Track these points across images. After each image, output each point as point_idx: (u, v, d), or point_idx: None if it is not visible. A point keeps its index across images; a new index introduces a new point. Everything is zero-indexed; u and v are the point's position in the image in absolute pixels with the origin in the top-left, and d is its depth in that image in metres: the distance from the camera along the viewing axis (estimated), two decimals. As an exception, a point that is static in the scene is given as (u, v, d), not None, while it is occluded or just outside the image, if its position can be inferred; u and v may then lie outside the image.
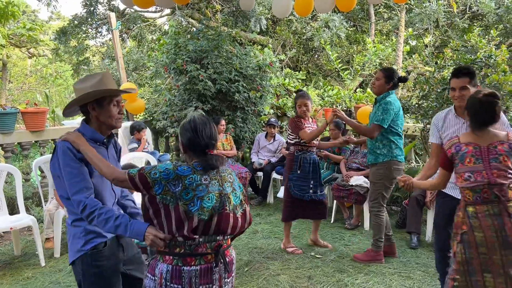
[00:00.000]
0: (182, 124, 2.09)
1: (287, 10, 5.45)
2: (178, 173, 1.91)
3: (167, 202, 1.89)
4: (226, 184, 2.03)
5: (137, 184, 1.92)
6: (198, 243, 1.95)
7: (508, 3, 9.45)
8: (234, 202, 2.03)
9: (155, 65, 7.83)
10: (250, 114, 7.39)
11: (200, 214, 1.89)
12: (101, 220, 1.99)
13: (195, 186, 1.90)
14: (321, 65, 11.94)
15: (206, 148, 2.02)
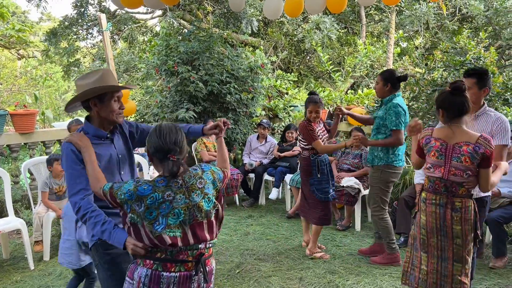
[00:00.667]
0: (150, 131, 2.04)
1: (278, 12, 5.46)
2: (138, 194, 1.89)
3: (135, 222, 1.91)
4: (194, 193, 1.98)
5: (109, 201, 1.95)
6: (179, 249, 1.94)
7: (497, 5, 9.55)
8: (206, 208, 2.00)
9: (146, 67, 7.80)
10: (241, 116, 7.39)
11: (169, 231, 1.89)
12: (91, 223, 2.05)
13: (158, 204, 1.89)
14: (313, 66, 11.98)
15: (168, 153, 1.95)
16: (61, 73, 16.34)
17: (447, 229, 2.68)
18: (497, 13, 9.68)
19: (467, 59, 5.28)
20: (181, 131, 2.04)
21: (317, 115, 4.24)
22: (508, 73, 5.82)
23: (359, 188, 5.34)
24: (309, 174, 4.31)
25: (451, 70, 5.37)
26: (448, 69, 5.37)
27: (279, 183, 6.35)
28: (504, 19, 9.84)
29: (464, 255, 2.70)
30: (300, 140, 4.37)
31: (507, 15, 9.74)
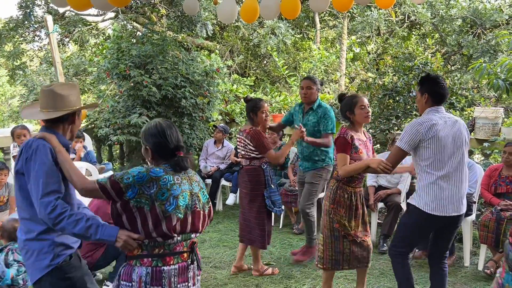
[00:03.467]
0: (146, 129, 2.09)
1: (233, 16, 5.42)
2: (152, 175, 1.94)
3: (142, 205, 1.90)
4: (194, 183, 2.09)
5: (109, 191, 1.91)
6: (176, 241, 1.99)
7: (442, 13, 10.00)
8: (203, 200, 2.11)
9: (97, 70, 7.53)
10: (197, 121, 7.28)
11: (177, 212, 1.94)
12: (72, 221, 1.92)
13: (170, 186, 1.94)
14: (269, 71, 12.05)
15: (176, 150, 2.04)
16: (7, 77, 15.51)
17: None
18: (443, 21, 10.13)
19: (415, 64, 5.47)
20: (175, 126, 2.16)
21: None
22: (453, 78, 6.11)
23: (315, 192, 5.38)
24: (263, 186, 3.94)
25: (401, 75, 5.54)
26: (398, 74, 5.54)
27: (236, 188, 6.30)
28: (449, 26, 10.31)
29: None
30: (249, 150, 3.91)
31: (451, 22, 10.21)
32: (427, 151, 2.87)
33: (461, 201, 2.93)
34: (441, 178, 2.87)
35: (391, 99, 5.45)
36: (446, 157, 2.86)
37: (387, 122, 5.40)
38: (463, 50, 10.15)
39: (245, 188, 4.00)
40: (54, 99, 2.17)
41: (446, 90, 2.99)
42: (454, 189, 2.89)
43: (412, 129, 2.89)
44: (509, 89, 5.12)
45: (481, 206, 5.22)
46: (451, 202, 2.88)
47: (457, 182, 2.90)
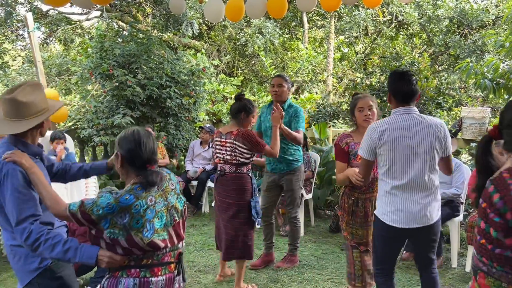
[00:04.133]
0: (123, 135, 1.99)
1: (219, 15, 5.35)
2: (121, 205, 1.81)
3: (116, 236, 1.82)
4: (169, 194, 1.99)
5: (81, 221, 1.84)
6: (165, 252, 1.95)
7: (429, 13, 10.03)
8: (180, 208, 2.05)
9: (81, 70, 7.37)
10: (183, 121, 7.16)
11: (158, 236, 1.87)
12: (48, 246, 1.86)
13: (143, 212, 1.84)
14: (257, 71, 11.97)
15: (147, 163, 1.94)
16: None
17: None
18: (430, 21, 10.16)
19: (403, 64, 5.43)
20: (154, 138, 2.04)
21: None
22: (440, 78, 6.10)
23: (302, 193, 5.30)
24: (249, 195, 3.56)
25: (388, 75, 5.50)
26: (385, 73, 5.49)
27: None
28: (436, 27, 10.34)
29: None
30: (238, 154, 3.48)
31: (439, 22, 10.25)
32: (383, 158, 2.62)
33: (424, 213, 2.57)
34: (398, 187, 2.58)
35: (378, 99, 5.40)
36: (403, 165, 2.55)
37: (374, 122, 5.36)
38: (450, 50, 10.19)
39: (229, 198, 3.53)
40: (18, 108, 2.04)
41: (411, 87, 2.60)
42: (413, 200, 2.57)
43: (367, 135, 2.66)
44: (496, 89, 5.11)
45: (468, 207, 5.20)
46: (411, 213, 2.57)
47: (418, 193, 2.57)
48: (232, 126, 3.58)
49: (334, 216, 5.50)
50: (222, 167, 3.58)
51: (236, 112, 3.55)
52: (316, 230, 5.56)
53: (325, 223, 5.82)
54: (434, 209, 2.63)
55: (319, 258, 4.56)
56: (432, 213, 2.62)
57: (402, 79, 2.64)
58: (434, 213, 2.63)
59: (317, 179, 6.14)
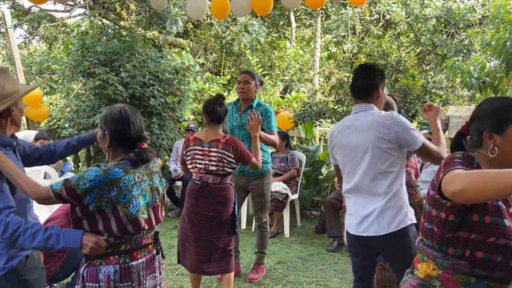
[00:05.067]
0: (109, 114, 1.90)
1: (202, 12, 5.26)
2: (111, 177, 1.77)
3: (104, 208, 1.78)
4: (154, 176, 1.98)
5: (65, 198, 1.77)
6: (142, 234, 1.92)
7: (417, 12, 10.03)
8: (161, 191, 2.03)
9: (62, 68, 7.18)
10: (167, 120, 7.02)
11: (141, 213, 1.85)
12: (28, 236, 1.75)
13: (131, 186, 1.82)
14: (244, 69, 11.86)
15: (138, 141, 1.89)
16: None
17: None
18: (417, 20, 10.16)
19: (389, 63, 5.37)
20: (139, 114, 1.97)
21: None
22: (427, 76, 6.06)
23: (287, 193, 5.22)
24: (233, 205, 3.25)
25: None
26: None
27: None
28: (423, 26, 10.35)
29: None
30: (226, 163, 3.11)
31: (426, 22, 10.25)
32: (338, 160, 2.49)
33: (373, 220, 2.28)
34: (349, 191, 2.41)
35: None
36: (351, 167, 2.37)
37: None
38: (438, 50, 10.19)
39: (212, 211, 3.15)
40: None
41: (362, 81, 2.35)
42: (362, 204, 2.33)
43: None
44: (482, 87, 5.08)
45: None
46: (360, 219, 2.34)
47: (366, 197, 2.32)
48: (214, 132, 3.15)
49: (320, 217, 5.42)
50: (204, 177, 3.15)
51: (221, 117, 3.15)
52: (302, 231, 5.48)
53: (311, 224, 5.74)
54: (387, 217, 2.27)
55: (304, 260, 4.47)
56: (385, 221, 2.27)
57: (356, 72, 2.43)
58: (388, 221, 2.26)
59: (304, 179, 6.06)
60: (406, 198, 2.33)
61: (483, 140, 1.50)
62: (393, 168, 2.27)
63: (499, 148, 1.47)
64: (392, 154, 2.25)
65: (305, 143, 6.73)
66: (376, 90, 2.36)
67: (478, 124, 1.54)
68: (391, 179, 2.27)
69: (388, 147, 2.24)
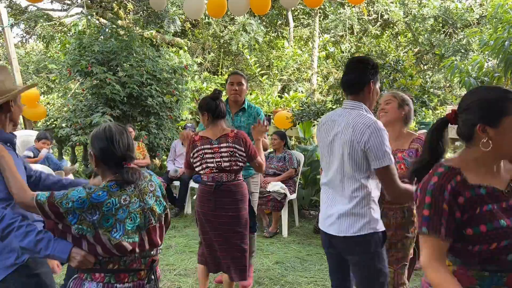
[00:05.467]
0: (94, 133, 1.86)
1: (199, 11, 5.24)
2: (93, 201, 1.70)
3: (85, 233, 1.71)
4: (147, 196, 1.87)
5: (47, 213, 1.71)
6: (134, 258, 1.81)
7: (415, 12, 10.03)
8: (158, 211, 1.91)
9: (59, 67, 7.16)
10: (165, 120, 7.01)
11: (127, 238, 1.75)
12: (21, 233, 1.72)
13: (115, 211, 1.73)
14: (242, 69, 11.85)
15: (122, 160, 1.81)
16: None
17: None
18: (415, 20, 10.16)
19: (387, 62, 5.36)
20: (129, 133, 1.90)
21: None
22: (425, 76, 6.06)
23: (285, 193, 5.21)
24: (247, 201, 3.16)
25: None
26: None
27: None
28: (421, 25, 10.36)
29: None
30: (239, 157, 3.00)
31: (424, 21, 10.26)
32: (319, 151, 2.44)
33: (335, 219, 2.22)
34: (323, 184, 2.36)
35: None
36: (327, 162, 2.31)
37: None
38: (435, 49, 10.20)
39: (233, 210, 3.01)
40: None
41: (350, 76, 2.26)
42: (332, 201, 2.27)
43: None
44: (480, 87, 5.09)
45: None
46: (326, 215, 2.28)
47: (336, 195, 2.25)
48: (220, 128, 3.04)
49: (318, 217, 5.41)
50: (217, 177, 3.01)
51: (224, 111, 3.05)
52: (300, 231, 5.46)
53: (309, 224, 5.73)
54: (348, 220, 2.19)
55: (303, 260, 4.46)
56: (345, 224, 2.20)
57: (347, 66, 2.31)
58: (349, 224, 2.19)
59: (302, 178, 6.04)
60: (373, 207, 2.19)
61: (474, 133, 1.44)
62: (360, 175, 2.16)
63: (493, 141, 1.41)
64: (360, 161, 2.15)
65: (303, 142, 6.72)
66: (367, 85, 2.21)
67: (468, 116, 1.45)
68: (357, 185, 2.17)
69: (357, 153, 2.13)
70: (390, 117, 2.60)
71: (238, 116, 3.70)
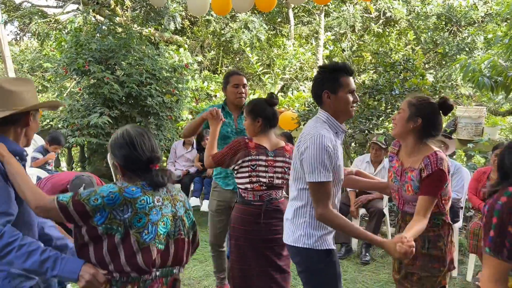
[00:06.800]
0: (113, 140, 1.75)
1: (204, 8, 5.10)
2: (127, 195, 1.59)
3: (114, 232, 1.58)
4: (178, 204, 1.77)
5: (71, 214, 1.56)
6: (154, 277, 1.66)
7: (418, 10, 9.88)
8: (188, 224, 1.80)
9: (54, 66, 6.94)
10: (165, 120, 6.80)
11: (157, 242, 1.63)
12: (23, 253, 1.54)
13: (148, 209, 1.62)
14: (242, 68, 11.65)
15: (149, 163, 1.70)
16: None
17: None
18: (418, 17, 10.01)
19: (397, 61, 5.17)
20: (150, 133, 1.81)
21: None
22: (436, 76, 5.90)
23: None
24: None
25: (381, 72, 5.25)
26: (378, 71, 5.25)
27: (199, 193, 5.83)
28: (424, 24, 10.20)
29: None
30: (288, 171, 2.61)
31: (427, 19, 10.11)
32: None
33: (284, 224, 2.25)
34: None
35: (371, 98, 5.13)
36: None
37: (367, 122, 5.09)
38: (438, 48, 10.05)
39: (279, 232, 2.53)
40: (2, 95, 1.74)
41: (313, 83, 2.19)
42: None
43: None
44: (494, 87, 4.90)
45: (465, 211, 4.99)
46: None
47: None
48: (274, 138, 2.72)
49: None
50: (265, 195, 2.64)
51: (277, 121, 2.73)
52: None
53: (316, 228, 5.54)
54: (288, 228, 2.18)
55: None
56: (287, 230, 2.20)
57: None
58: (290, 232, 2.17)
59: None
60: (311, 222, 2.10)
61: None
62: (298, 184, 2.12)
63: None
64: (298, 171, 2.11)
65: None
66: (322, 96, 2.11)
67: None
68: (295, 194, 2.14)
69: (296, 162, 2.11)
70: (397, 131, 2.26)
71: (242, 120, 3.33)
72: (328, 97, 2.09)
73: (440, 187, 2.13)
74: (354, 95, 2.13)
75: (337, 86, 2.08)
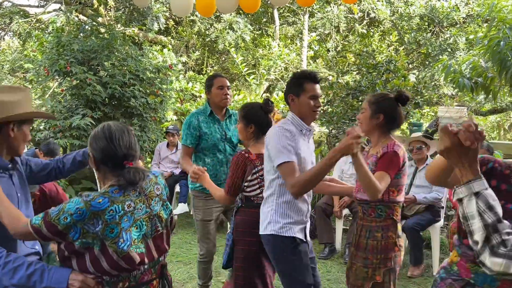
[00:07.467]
0: (93, 133, 1.74)
1: (187, 9, 5.05)
2: (94, 209, 1.56)
3: (91, 245, 1.58)
4: (153, 201, 1.75)
5: (46, 235, 1.57)
6: (143, 270, 1.69)
7: (401, 10, 9.98)
8: (165, 217, 1.78)
9: (36, 67, 6.82)
10: (149, 121, 6.74)
11: (135, 248, 1.62)
12: (9, 270, 1.55)
13: (119, 218, 1.60)
14: (228, 68, 11.62)
15: (124, 159, 1.68)
16: None
17: None
18: (402, 18, 10.11)
19: (380, 62, 5.22)
20: (131, 131, 1.79)
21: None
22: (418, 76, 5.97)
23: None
24: None
25: (364, 73, 5.29)
26: (361, 72, 5.28)
27: (185, 197, 5.76)
28: (407, 24, 10.31)
29: None
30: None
31: (410, 20, 10.22)
32: None
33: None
34: None
35: (355, 99, 5.18)
36: None
37: (350, 122, 5.13)
38: (422, 48, 10.17)
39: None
40: None
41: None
42: None
43: None
44: (474, 88, 4.99)
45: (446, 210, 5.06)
46: None
47: None
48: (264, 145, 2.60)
49: (311, 223, 5.24)
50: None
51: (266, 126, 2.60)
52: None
53: (300, 229, 5.57)
54: (261, 218, 2.33)
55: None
56: (261, 221, 2.33)
57: None
58: (261, 222, 2.33)
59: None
60: (276, 209, 2.28)
61: None
62: (268, 175, 2.31)
63: None
64: (268, 163, 2.30)
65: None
66: (288, 99, 2.35)
67: None
68: (267, 183, 2.33)
69: (267, 155, 2.30)
70: (364, 128, 2.36)
71: (228, 124, 3.35)
72: (293, 100, 2.31)
73: (392, 167, 2.25)
74: (317, 101, 2.30)
75: (301, 91, 2.29)
